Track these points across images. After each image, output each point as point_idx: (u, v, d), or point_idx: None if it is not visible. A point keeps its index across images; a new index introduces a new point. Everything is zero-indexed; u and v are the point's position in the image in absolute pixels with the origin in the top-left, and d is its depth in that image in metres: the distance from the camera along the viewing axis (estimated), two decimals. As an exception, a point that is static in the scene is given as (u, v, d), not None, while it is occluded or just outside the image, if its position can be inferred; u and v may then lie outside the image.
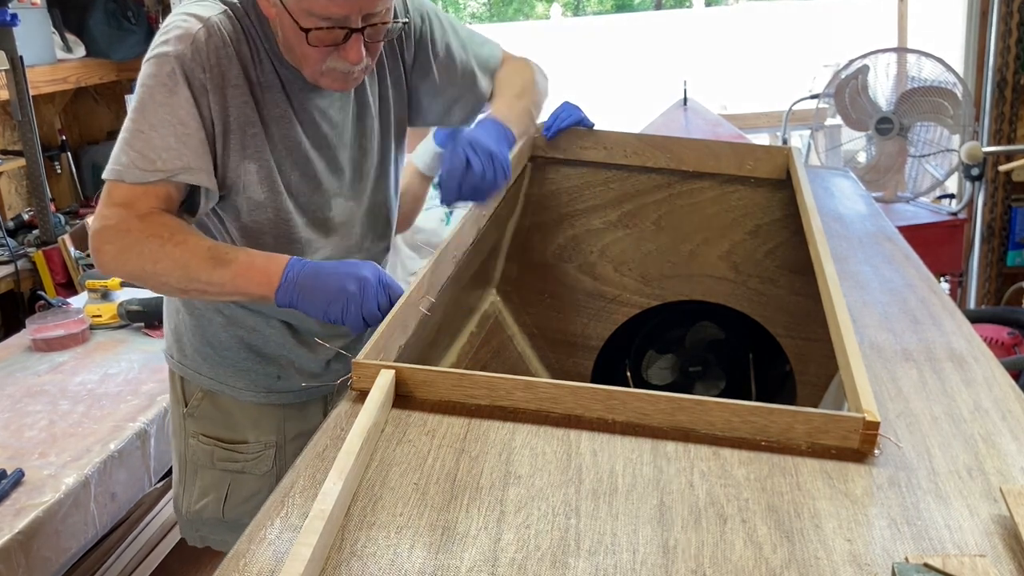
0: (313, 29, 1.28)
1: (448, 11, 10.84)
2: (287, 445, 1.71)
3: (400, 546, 0.88)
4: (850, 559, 0.85)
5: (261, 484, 1.70)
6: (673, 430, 1.06)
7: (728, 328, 2.26)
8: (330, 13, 1.27)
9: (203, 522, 1.74)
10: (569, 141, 2.18)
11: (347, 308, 1.29)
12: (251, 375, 1.65)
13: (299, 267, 1.30)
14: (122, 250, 1.31)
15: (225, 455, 1.69)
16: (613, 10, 25.75)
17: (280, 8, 1.30)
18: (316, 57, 1.33)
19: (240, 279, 1.31)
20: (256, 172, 1.40)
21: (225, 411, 1.68)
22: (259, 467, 1.70)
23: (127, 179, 1.31)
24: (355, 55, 1.33)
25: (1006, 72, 3.50)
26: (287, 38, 1.34)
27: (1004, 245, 3.74)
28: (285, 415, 1.70)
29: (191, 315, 1.63)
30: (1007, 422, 1.09)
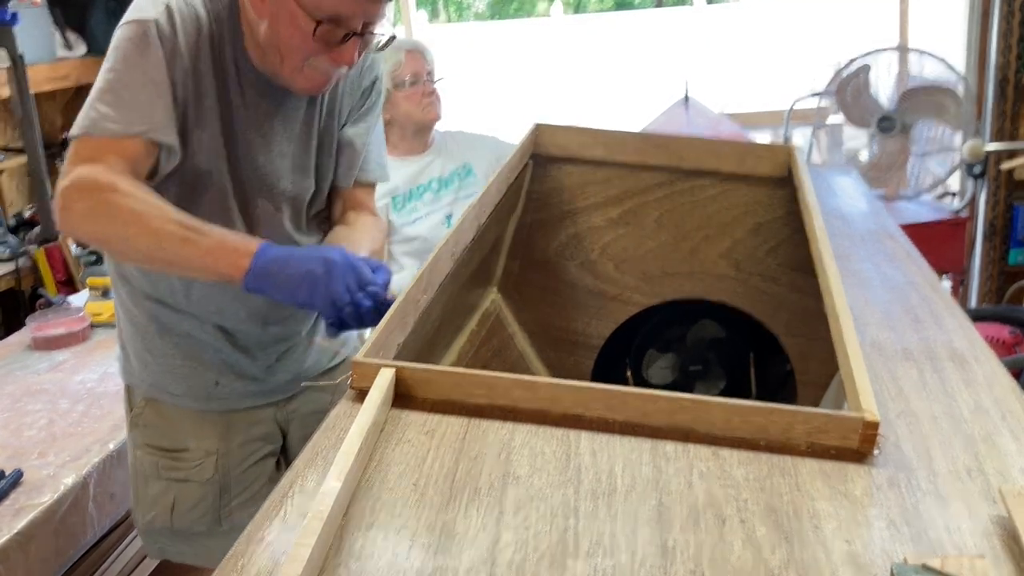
0: (321, 24, 1.29)
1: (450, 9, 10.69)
2: (232, 452, 1.68)
3: (399, 546, 0.87)
4: (849, 560, 0.85)
5: (205, 491, 1.68)
6: (673, 430, 1.06)
7: (729, 327, 2.26)
8: (339, 12, 1.29)
9: (157, 533, 1.73)
10: (570, 139, 2.17)
11: (314, 290, 1.27)
12: (188, 381, 1.63)
13: (270, 252, 1.29)
14: (92, 208, 1.27)
15: (168, 464, 1.67)
16: (614, 8, 25.72)
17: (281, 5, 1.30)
18: (306, 53, 1.33)
19: (209, 257, 1.28)
20: (207, 142, 1.41)
21: (167, 419, 1.66)
22: (201, 475, 1.67)
23: (95, 133, 1.29)
24: (349, 57, 1.35)
25: (1008, 70, 3.49)
26: (278, 35, 1.34)
27: (1006, 243, 3.72)
28: (228, 422, 1.68)
29: (130, 323, 1.63)
30: (1007, 422, 1.08)
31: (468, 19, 25.00)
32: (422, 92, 2.39)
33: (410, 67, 2.38)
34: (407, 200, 2.36)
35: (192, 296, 1.56)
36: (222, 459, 1.67)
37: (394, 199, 2.33)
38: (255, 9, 1.35)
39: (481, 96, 11.52)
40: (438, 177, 2.41)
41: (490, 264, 2.13)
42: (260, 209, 1.54)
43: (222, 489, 1.68)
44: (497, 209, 1.92)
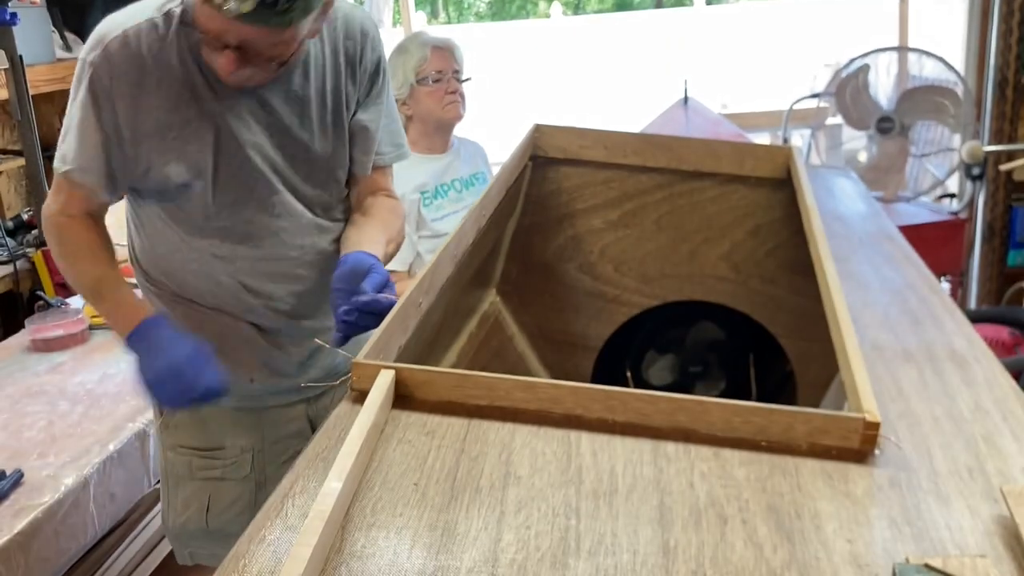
0: (204, 34, 1.33)
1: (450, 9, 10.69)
2: (267, 449, 1.69)
3: (400, 547, 0.88)
4: (850, 560, 0.85)
5: (242, 489, 1.69)
6: (673, 430, 1.06)
7: (728, 328, 2.26)
8: (206, 27, 1.31)
9: (189, 535, 1.74)
10: (569, 140, 2.17)
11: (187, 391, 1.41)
12: None
13: (145, 331, 1.45)
14: (56, 247, 1.53)
15: (203, 464, 1.68)
16: (613, 9, 25.72)
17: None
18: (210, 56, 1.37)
19: (111, 316, 1.54)
20: (187, 171, 1.45)
21: (199, 418, 1.67)
22: (238, 472, 1.69)
23: (56, 169, 1.47)
24: (222, 68, 1.35)
25: (1007, 71, 3.50)
26: None
27: (1005, 245, 3.73)
28: (262, 420, 1.69)
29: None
30: (1008, 422, 1.09)
31: (470, 20, 25.05)
32: (445, 90, 2.37)
33: (435, 64, 2.35)
34: (435, 196, 2.36)
35: (220, 296, 1.58)
36: (258, 456, 1.68)
37: (423, 194, 2.33)
38: None
39: (481, 97, 11.50)
40: (459, 178, 2.41)
41: (489, 266, 2.13)
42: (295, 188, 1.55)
43: (258, 486, 1.69)
44: (497, 211, 1.92)
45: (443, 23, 24.53)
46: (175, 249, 1.56)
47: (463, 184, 2.41)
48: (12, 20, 2.98)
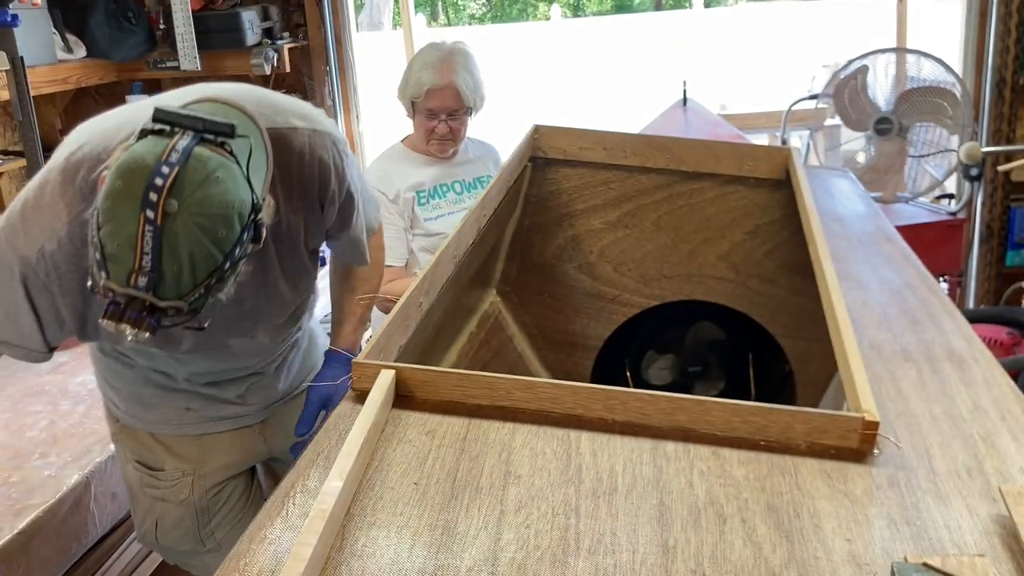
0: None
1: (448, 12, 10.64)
2: (209, 475, 1.63)
3: (400, 546, 0.88)
4: (849, 559, 0.85)
5: (183, 513, 1.63)
6: (673, 430, 1.06)
7: (728, 328, 2.26)
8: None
9: (153, 545, 1.71)
10: (569, 141, 2.18)
11: None
12: (159, 409, 1.58)
13: None
14: None
15: (150, 481, 1.63)
16: (613, 11, 25.74)
17: None
18: None
19: None
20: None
21: (141, 441, 1.62)
22: (177, 495, 1.62)
23: None
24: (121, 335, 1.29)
25: (1005, 72, 3.50)
26: None
27: (1003, 245, 3.73)
28: (204, 444, 1.62)
29: (96, 356, 1.59)
30: (1006, 422, 1.09)
31: (465, 23, 25.04)
32: (433, 129, 2.27)
33: (429, 102, 2.23)
34: (431, 197, 2.35)
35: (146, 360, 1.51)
36: (198, 480, 1.61)
37: (418, 194, 2.32)
38: None
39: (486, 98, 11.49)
40: (462, 180, 2.40)
41: (489, 266, 2.13)
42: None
43: (199, 511, 1.64)
44: (497, 212, 1.93)
45: (442, 25, 24.54)
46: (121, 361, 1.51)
47: (464, 187, 2.40)
48: (13, 22, 2.98)
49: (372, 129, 4.09)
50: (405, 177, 2.30)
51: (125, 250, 0.99)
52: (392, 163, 2.35)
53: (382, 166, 2.36)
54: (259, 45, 3.58)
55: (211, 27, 3.52)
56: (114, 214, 0.99)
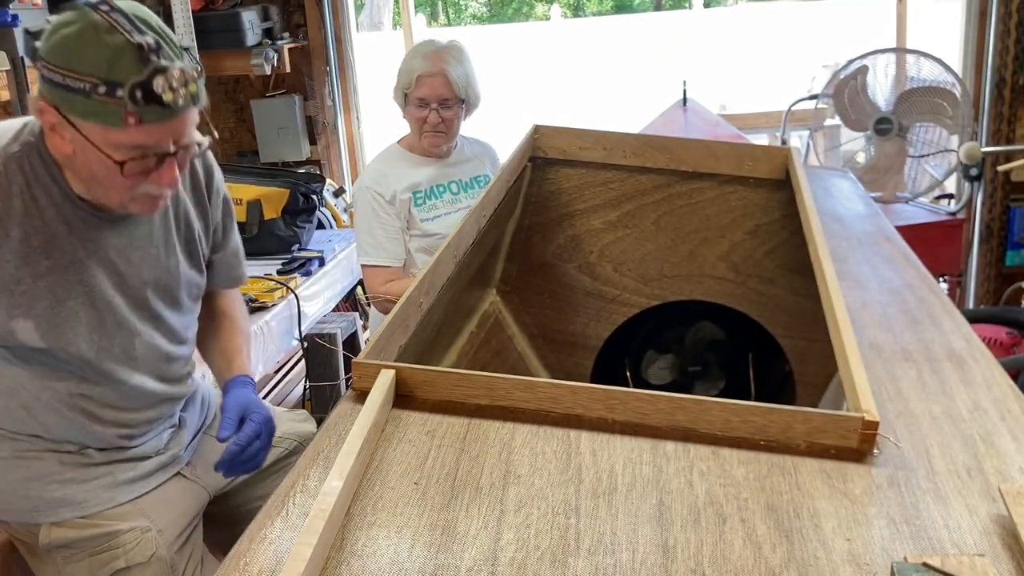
0: (128, 161, 1.22)
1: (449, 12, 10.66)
2: (167, 528, 1.50)
3: (400, 545, 0.88)
4: (849, 558, 0.85)
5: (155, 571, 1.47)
6: (672, 430, 1.06)
7: (727, 328, 2.26)
8: (143, 143, 1.22)
9: None
10: (569, 141, 2.18)
11: None
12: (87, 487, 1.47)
13: None
14: None
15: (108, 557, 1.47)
16: (613, 11, 25.74)
17: (84, 145, 1.23)
18: (128, 186, 1.27)
19: None
20: (35, 328, 1.32)
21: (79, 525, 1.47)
22: (143, 553, 1.47)
23: None
24: (170, 178, 1.28)
25: (1005, 72, 3.50)
26: (93, 173, 1.26)
27: (1003, 245, 3.73)
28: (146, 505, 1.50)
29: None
30: (1006, 422, 1.09)
31: (466, 22, 25.04)
32: (425, 119, 2.26)
33: (420, 91, 2.24)
34: (427, 197, 2.34)
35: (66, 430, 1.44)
36: (159, 536, 1.48)
37: (415, 194, 2.32)
38: (58, 150, 1.27)
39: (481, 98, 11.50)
40: (458, 180, 2.39)
41: (489, 266, 2.14)
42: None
43: (172, 567, 1.49)
44: (497, 212, 1.93)
45: (442, 25, 24.55)
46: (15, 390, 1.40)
47: (461, 187, 2.40)
48: (13, 22, 2.98)
49: (372, 129, 4.10)
50: (401, 178, 2.30)
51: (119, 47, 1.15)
52: (388, 164, 2.35)
53: (378, 167, 2.37)
54: (259, 45, 3.58)
55: (211, 27, 3.52)
56: (83, 40, 1.16)
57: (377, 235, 2.29)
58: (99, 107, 1.18)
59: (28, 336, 1.32)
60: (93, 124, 1.20)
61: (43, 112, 1.23)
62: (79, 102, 1.18)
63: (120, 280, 1.39)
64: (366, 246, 2.31)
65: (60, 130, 1.24)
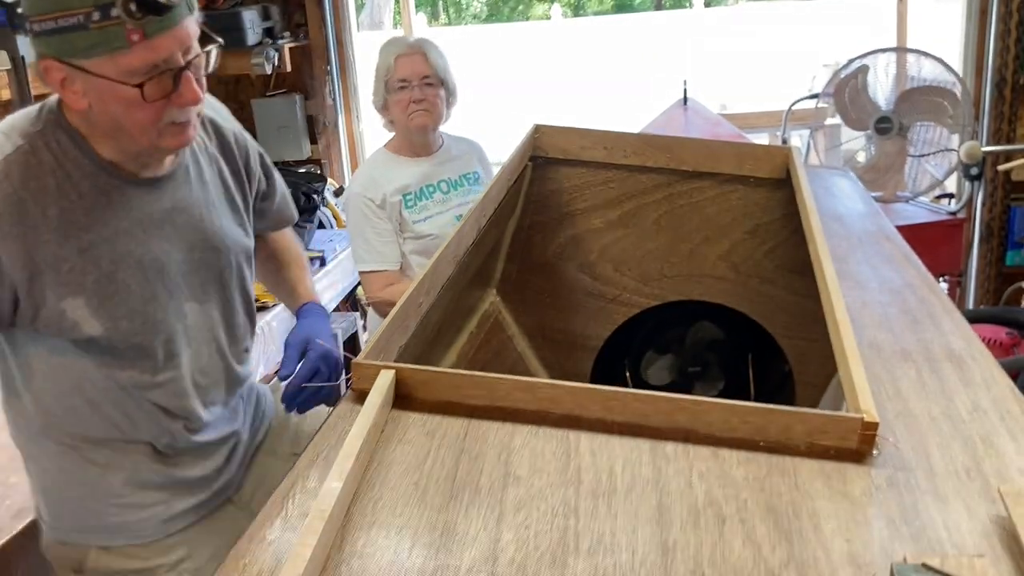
0: (144, 83, 1.19)
1: (449, 11, 10.67)
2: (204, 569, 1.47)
3: (400, 546, 0.88)
4: (849, 559, 0.85)
5: None
6: (672, 430, 1.06)
7: (727, 328, 2.26)
8: (154, 60, 1.19)
9: None
10: (569, 141, 2.18)
11: None
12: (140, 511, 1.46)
13: None
14: None
15: None
16: (613, 10, 25.74)
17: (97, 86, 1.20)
18: (152, 117, 1.24)
19: None
20: (85, 304, 1.29)
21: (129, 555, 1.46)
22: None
23: None
24: (192, 93, 1.25)
25: (1005, 72, 3.50)
26: (114, 117, 1.24)
27: (1003, 245, 3.73)
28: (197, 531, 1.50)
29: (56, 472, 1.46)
30: (1006, 422, 1.09)
31: (466, 22, 25.03)
32: (410, 98, 2.29)
33: (400, 71, 2.29)
34: (418, 198, 2.35)
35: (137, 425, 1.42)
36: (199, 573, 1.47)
37: (405, 196, 2.32)
38: (74, 105, 1.25)
39: (481, 98, 11.53)
40: (447, 179, 2.39)
41: (489, 266, 2.13)
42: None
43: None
44: (497, 211, 1.93)
45: (443, 24, 24.54)
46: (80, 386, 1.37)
47: (450, 185, 2.40)
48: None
49: (372, 129, 4.10)
50: (390, 181, 2.32)
51: None
52: (376, 169, 2.38)
53: (366, 173, 2.39)
54: (260, 45, 3.58)
55: (211, 27, 3.50)
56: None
57: (371, 240, 2.30)
58: (99, 35, 1.15)
59: (79, 314, 1.29)
60: (99, 57, 1.17)
61: (47, 71, 1.21)
62: (79, 39, 1.16)
63: (167, 247, 1.37)
64: (361, 252, 2.33)
65: (70, 83, 1.21)
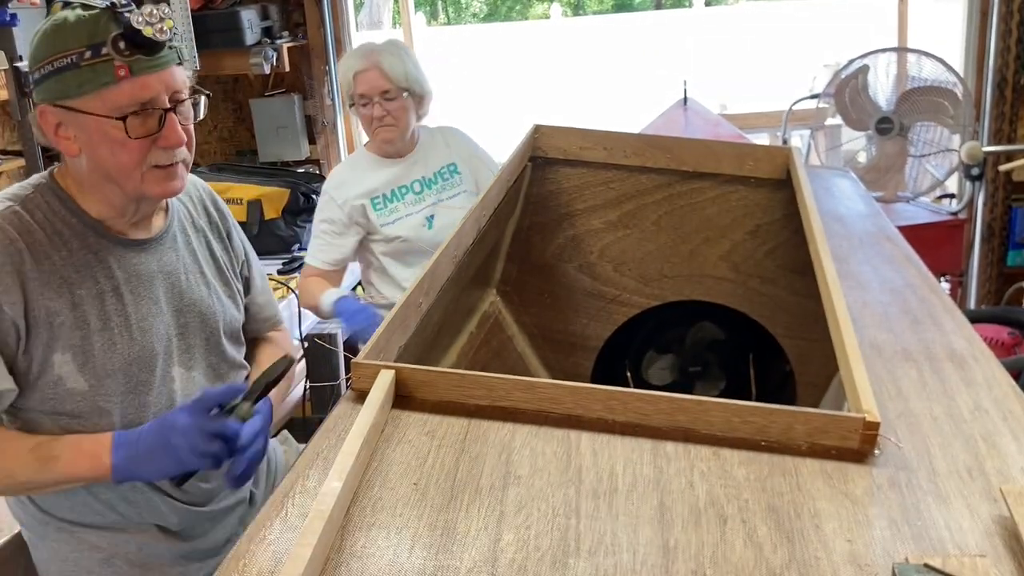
0: (129, 116, 1.22)
1: (448, 11, 10.71)
2: None
3: (400, 546, 0.88)
4: (850, 559, 0.85)
5: None
6: (673, 430, 1.06)
7: (728, 328, 2.26)
8: (140, 97, 1.23)
9: None
10: (569, 141, 2.18)
11: (183, 461, 1.25)
12: None
13: (124, 441, 1.27)
14: None
15: None
16: (613, 9, 25.75)
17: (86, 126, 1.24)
18: (136, 158, 1.26)
19: (70, 469, 1.28)
20: (72, 360, 1.30)
21: None
22: None
23: None
24: (175, 135, 1.27)
25: (1006, 72, 3.50)
26: (102, 158, 1.26)
27: (1004, 245, 3.73)
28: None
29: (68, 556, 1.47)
30: (1007, 422, 1.09)
31: (466, 21, 25.03)
32: (371, 115, 2.26)
33: (359, 88, 2.26)
34: (388, 201, 2.33)
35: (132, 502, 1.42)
36: None
37: (373, 200, 2.30)
38: (66, 151, 1.28)
39: (481, 98, 11.54)
40: (421, 178, 2.37)
41: (489, 266, 2.13)
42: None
43: None
44: (497, 211, 1.93)
45: (442, 24, 24.54)
46: None
47: (423, 184, 2.37)
48: (12, 21, 2.98)
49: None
50: (360, 182, 2.35)
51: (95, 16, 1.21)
52: (351, 169, 2.43)
53: (341, 173, 2.46)
54: (258, 44, 3.58)
55: (210, 26, 3.51)
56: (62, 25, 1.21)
57: (319, 238, 2.37)
58: (90, 72, 1.21)
59: (66, 369, 1.29)
60: (88, 95, 1.22)
61: (42, 115, 1.25)
62: (71, 78, 1.21)
63: (154, 309, 1.38)
64: (311, 244, 2.41)
65: (64, 129, 1.25)
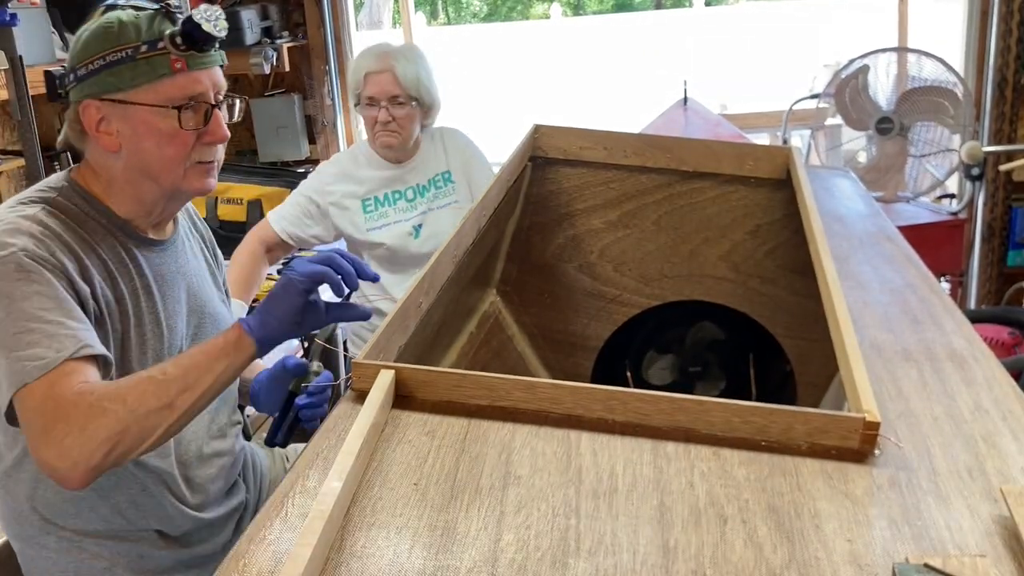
0: (183, 107, 1.24)
1: (448, 10, 10.70)
2: None
3: (400, 546, 0.88)
4: (850, 559, 0.85)
5: None
6: (673, 430, 1.06)
7: (728, 328, 2.26)
8: (192, 90, 1.25)
9: None
10: (569, 141, 2.18)
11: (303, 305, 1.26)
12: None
13: (250, 320, 1.25)
14: (84, 425, 1.10)
15: None
16: (613, 9, 25.76)
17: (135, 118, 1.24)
18: (182, 152, 1.27)
19: (213, 363, 1.21)
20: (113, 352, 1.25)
21: None
22: None
23: (34, 377, 1.12)
24: (221, 130, 1.29)
25: (1006, 71, 3.49)
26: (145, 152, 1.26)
27: (1004, 245, 3.72)
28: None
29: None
30: (1008, 422, 1.09)
31: (466, 21, 25.02)
32: (376, 118, 2.24)
33: (369, 89, 2.24)
34: (379, 204, 2.31)
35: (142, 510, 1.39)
36: None
37: (364, 201, 2.28)
38: (107, 147, 1.27)
39: (480, 98, 11.53)
40: (415, 185, 2.35)
41: (489, 266, 2.13)
42: None
43: None
44: (497, 212, 1.93)
45: (442, 23, 24.54)
46: None
47: (416, 192, 2.35)
48: (12, 21, 2.97)
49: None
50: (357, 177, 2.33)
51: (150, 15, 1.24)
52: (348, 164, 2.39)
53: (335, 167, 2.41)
54: (258, 44, 3.58)
55: (210, 26, 3.50)
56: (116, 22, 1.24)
57: (297, 205, 2.33)
58: (145, 65, 1.23)
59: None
60: (141, 88, 1.24)
61: (85, 110, 1.26)
62: (124, 71, 1.23)
63: (177, 308, 1.39)
64: (284, 204, 2.37)
65: (106, 124, 1.27)
